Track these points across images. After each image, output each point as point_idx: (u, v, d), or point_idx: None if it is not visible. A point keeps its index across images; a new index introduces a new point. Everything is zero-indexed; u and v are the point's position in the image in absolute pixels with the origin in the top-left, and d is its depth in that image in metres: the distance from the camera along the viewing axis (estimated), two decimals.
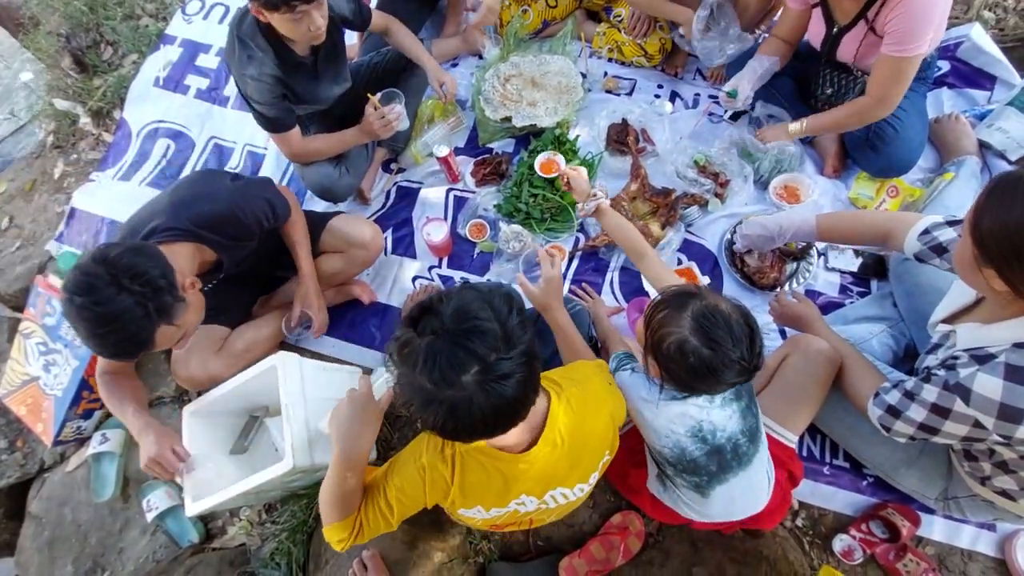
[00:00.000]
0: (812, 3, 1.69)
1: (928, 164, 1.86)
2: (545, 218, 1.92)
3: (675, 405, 1.12)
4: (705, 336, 0.99)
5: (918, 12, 1.41)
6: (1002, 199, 0.90)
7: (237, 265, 1.60)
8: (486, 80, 2.13)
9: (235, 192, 1.50)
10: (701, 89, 2.16)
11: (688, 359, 1.00)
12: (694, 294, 1.05)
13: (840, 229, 1.42)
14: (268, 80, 1.66)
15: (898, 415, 1.12)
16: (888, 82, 1.55)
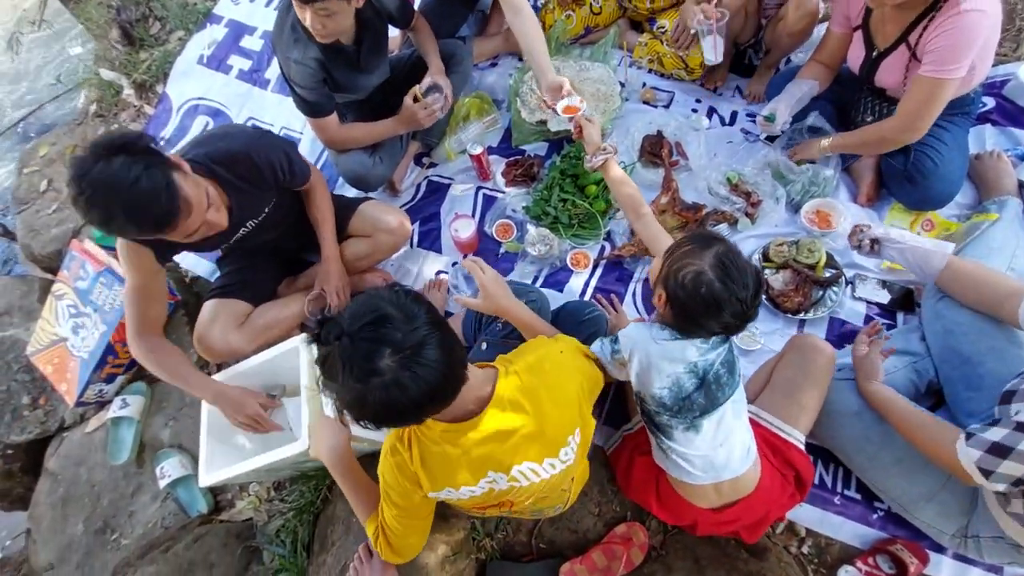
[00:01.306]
0: (854, 26, 1.68)
1: (965, 200, 1.84)
2: (573, 224, 1.94)
3: (677, 344, 1.19)
4: (722, 272, 1.09)
5: (960, 34, 1.40)
6: None
7: (256, 228, 1.62)
8: (524, 82, 2.15)
9: (253, 135, 1.55)
10: (739, 107, 2.16)
11: (700, 289, 1.09)
12: (719, 239, 1.15)
13: (965, 278, 1.41)
14: (312, 64, 1.69)
15: (1007, 453, 1.04)
16: (919, 104, 1.53)
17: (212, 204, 1.34)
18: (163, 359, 1.52)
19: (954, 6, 1.39)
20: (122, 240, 1.40)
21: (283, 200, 1.67)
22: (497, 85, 2.30)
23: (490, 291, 1.34)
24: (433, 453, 1.02)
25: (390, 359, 0.81)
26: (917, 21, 1.49)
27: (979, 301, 1.40)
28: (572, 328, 1.50)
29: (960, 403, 1.47)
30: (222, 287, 1.77)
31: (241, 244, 1.67)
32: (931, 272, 1.43)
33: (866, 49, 1.66)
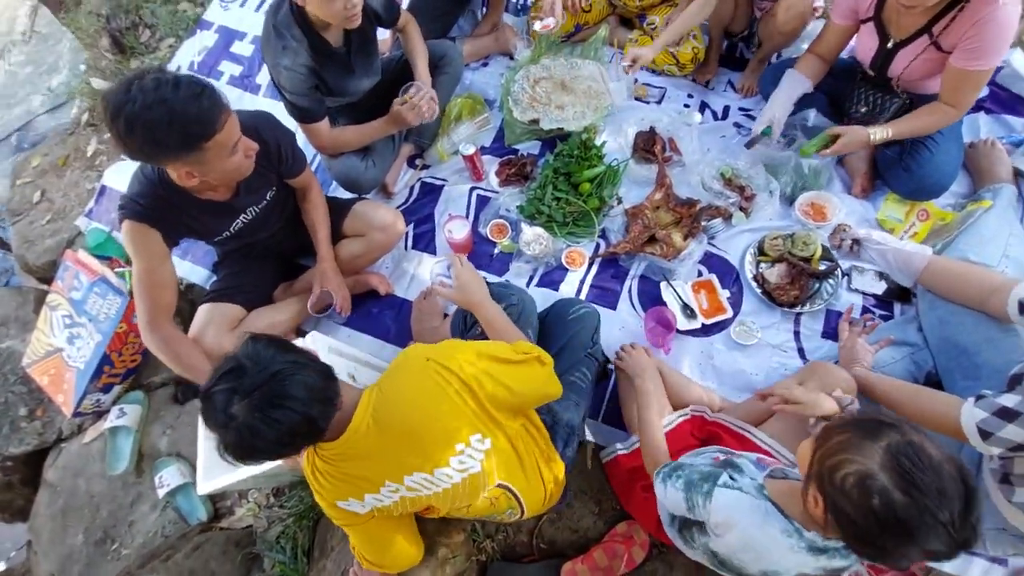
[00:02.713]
0: (862, 19, 1.65)
1: (960, 189, 1.82)
2: (567, 222, 1.92)
3: (788, 555, 0.95)
4: (902, 477, 0.78)
5: (1000, 27, 1.41)
6: None
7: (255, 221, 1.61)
8: (516, 81, 2.13)
9: (259, 114, 1.56)
10: (732, 101, 2.14)
11: (871, 500, 0.79)
12: (892, 424, 0.84)
13: (946, 277, 1.43)
14: (302, 70, 1.67)
15: (1014, 418, 1.02)
16: (965, 91, 1.55)
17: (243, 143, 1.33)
18: (179, 350, 1.51)
19: (991, 1, 1.38)
20: (128, 224, 1.40)
21: (282, 194, 1.67)
22: (489, 85, 2.28)
23: (462, 283, 1.34)
24: (329, 471, 1.04)
25: (240, 405, 0.87)
26: (942, 13, 1.47)
27: (964, 298, 1.40)
28: (561, 327, 1.50)
29: (958, 393, 1.44)
30: (217, 291, 1.75)
31: (241, 240, 1.66)
32: (912, 273, 1.44)
33: (880, 40, 1.64)
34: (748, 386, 1.65)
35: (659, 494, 1.20)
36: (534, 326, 1.49)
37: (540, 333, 1.54)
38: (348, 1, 1.55)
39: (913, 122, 1.66)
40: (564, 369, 1.43)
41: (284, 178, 1.65)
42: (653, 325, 1.70)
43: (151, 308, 1.48)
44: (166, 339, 1.50)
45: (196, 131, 1.20)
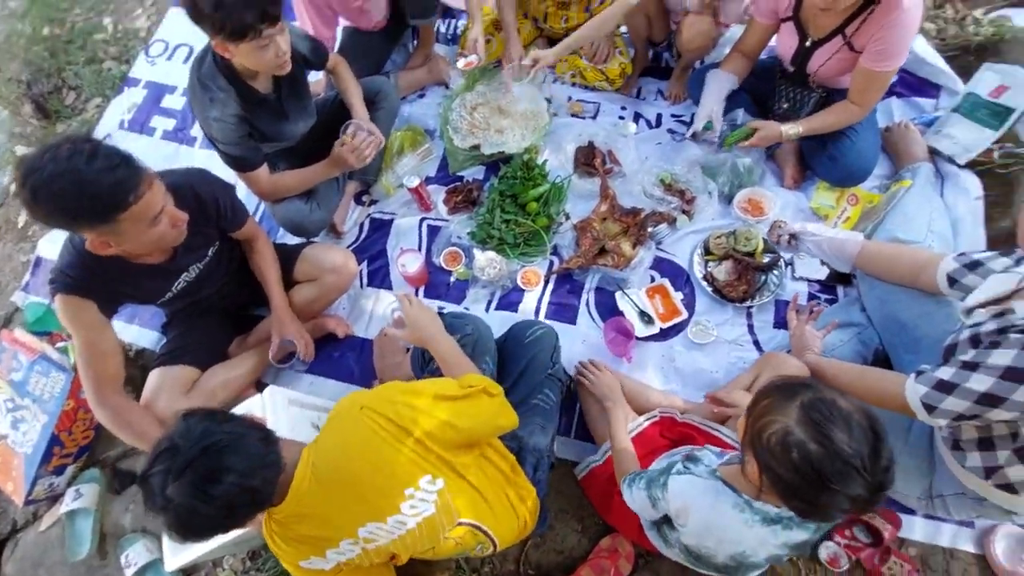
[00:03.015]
0: (782, 17, 1.73)
1: (883, 171, 1.92)
2: (518, 243, 1.93)
3: (744, 531, 0.99)
4: (815, 429, 0.83)
5: (904, 30, 1.51)
6: None
7: (200, 277, 1.57)
8: (453, 110, 2.15)
9: (194, 171, 1.53)
10: (663, 109, 2.20)
11: (791, 453, 0.84)
12: (806, 384, 0.91)
13: (878, 260, 1.49)
14: (232, 120, 1.65)
15: (951, 389, 1.06)
16: (871, 91, 1.66)
17: (169, 199, 1.28)
18: (129, 419, 1.45)
19: (897, 5, 1.46)
20: (60, 298, 1.35)
21: (225, 248, 1.63)
22: (427, 115, 2.29)
23: (411, 321, 1.33)
24: (284, 533, 1.01)
25: (175, 486, 0.85)
26: (854, 15, 1.55)
27: (898, 278, 1.46)
28: (519, 350, 1.50)
29: (904, 366, 1.51)
30: (168, 353, 1.69)
31: (186, 300, 1.61)
32: (847, 260, 1.50)
33: (799, 38, 1.72)
34: (710, 384, 1.68)
35: (627, 500, 1.23)
36: (492, 353, 1.47)
37: (500, 358, 1.53)
38: (278, 49, 1.53)
39: (822, 119, 1.75)
40: (527, 392, 1.43)
41: (226, 232, 1.61)
42: (613, 335, 1.72)
43: (97, 380, 1.43)
44: (116, 409, 1.44)
45: (107, 203, 1.16)
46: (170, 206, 1.29)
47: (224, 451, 0.88)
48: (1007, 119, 1.75)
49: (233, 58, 1.54)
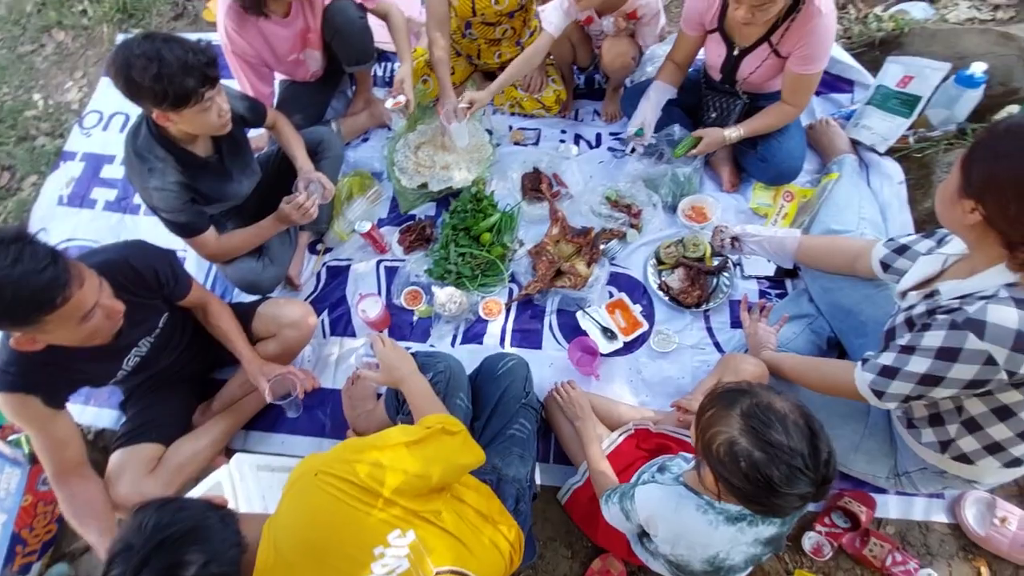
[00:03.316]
0: (709, 29, 1.80)
1: (812, 166, 2.01)
2: (476, 275, 1.94)
3: (711, 532, 1.01)
4: (756, 437, 0.87)
5: (825, 34, 1.60)
6: (994, 135, 0.97)
7: (154, 349, 1.52)
8: (398, 151, 2.16)
9: (128, 244, 1.47)
10: (601, 128, 2.26)
11: (740, 463, 0.87)
12: (744, 391, 0.94)
13: (817, 252, 1.56)
14: (174, 188, 1.62)
15: (895, 374, 1.10)
16: (802, 92, 1.76)
17: (104, 291, 1.23)
18: (75, 506, 1.39)
19: (816, 12, 1.56)
20: (2, 397, 1.29)
21: (175, 316, 1.58)
22: (373, 158, 2.30)
23: (386, 363, 1.32)
24: None
25: None
26: (778, 23, 1.63)
27: (836, 267, 1.52)
28: (492, 384, 1.49)
29: (855, 350, 1.57)
30: (128, 432, 1.62)
31: (144, 374, 1.56)
32: (788, 254, 1.56)
33: (726, 48, 1.79)
34: (679, 391, 1.70)
35: (606, 516, 1.25)
36: (465, 389, 1.46)
37: (473, 393, 1.52)
38: (219, 109, 1.53)
39: (762, 120, 1.83)
40: (503, 424, 1.42)
41: (173, 301, 1.57)
42: (579, 355, 1.74)
43: (54, 467, 1.38)
44: (70, 496, 1.39)
45: (30, 306, 1.11)
46: (105, 298, 1.23)
47: (180, 542, 0.83)
48: (916, 106, 1.86)
49: (174, 125, 1.52)
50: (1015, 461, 1.15)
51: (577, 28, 2.05)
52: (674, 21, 2.54)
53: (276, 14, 1.91)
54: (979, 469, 1.22)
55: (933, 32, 2.04)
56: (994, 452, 1.15)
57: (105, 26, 2.91)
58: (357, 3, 1.98)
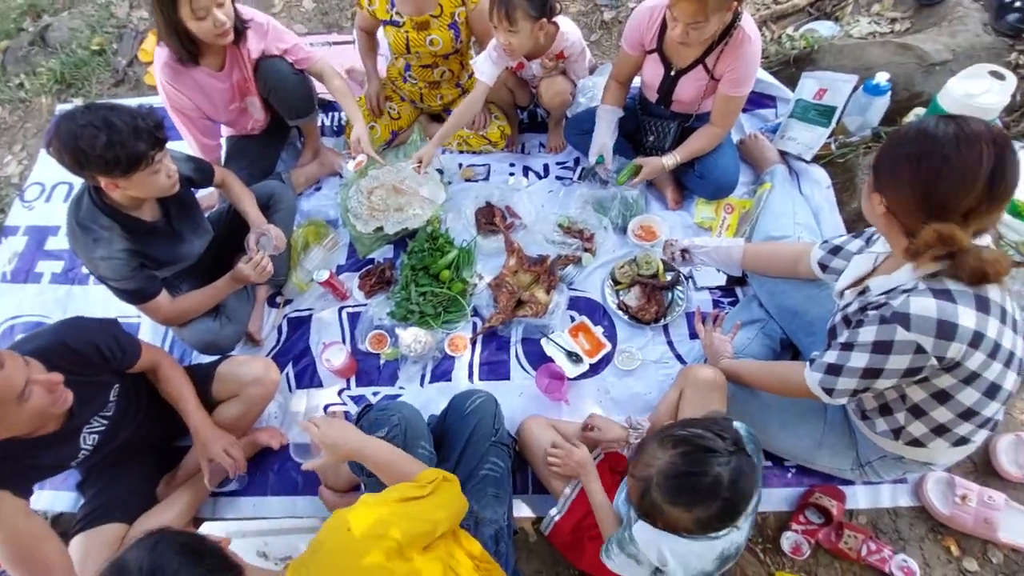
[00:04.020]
0: (648, 50, 1.86)
1: (748, 179, 2.10)
2: (439, 312, 1.93)
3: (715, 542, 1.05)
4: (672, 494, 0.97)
5: (753, 58, 1.70)
6: (891, 137, 1.07)
7: (111, 426, 1.44)
8: (351, 197, 2.15)
9: (62, 324, 1.40)
10: (547, 159, 2.32)
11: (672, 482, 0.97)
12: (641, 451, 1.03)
13: (760, 259, 1.62)
14: (121, 256, 1.57)
15: (839, 371, 1.15)
16: (730, 114, 1.85)
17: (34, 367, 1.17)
18: None
19: (747, 38, 1.66)
20: None
21: (128, 385, 1.50)
22: (327, 206, 2.29)
23: (327, 445, 1.21)
24: None
25: None
26: (712, 47, 1.72)
27: (780, 271, 1.58)
28: (461, 423, 1.46)
29: (806, 349, 1.62)
30: (88, 515, 1.52)
31: (104, 451, 1.47)
32: (735, 263, 1.62)
33: (664, 69, 1.86)
34: (647, 406, 1.71)
35: (614, 569, 1.21)
36: (426, 436, 1.41)
37: (442, 432, 1.49)
38: (168, 170, 1.50)
39: (695, 144, 1.91)
40: (474, 464, 1.39)
41: (123, 370, 1.49)
42: (547, 382, 1.73)
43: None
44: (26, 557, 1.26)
45: None
46: (37, 374, 1.17)
47: None
48: (833, 116, 1.98)
49: (121, 192, 1.49)
50: (962, 439, 1.20)
51: (511, 74, 2.12)
52: (607, 54, 2.66)
53: (211, 67, 1.91)
54: (932, 451, 1.26)
55: (840, 47, 2.19)
56: (941, 434, 1.19)
57: (44, 97, 2.85)
58: (288, 62, 2.00)
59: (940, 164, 0.98)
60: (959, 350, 1.02)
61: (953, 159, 0.97)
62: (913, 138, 1.02)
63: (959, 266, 1.01)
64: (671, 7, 1.55)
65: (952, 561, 1.48)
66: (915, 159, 1.01)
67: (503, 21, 1.75)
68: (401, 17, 2.02)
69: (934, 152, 0.98)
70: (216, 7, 1.72)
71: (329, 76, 2.06)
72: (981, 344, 1.02)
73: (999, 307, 1.04)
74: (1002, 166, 0.95)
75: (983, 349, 1.03)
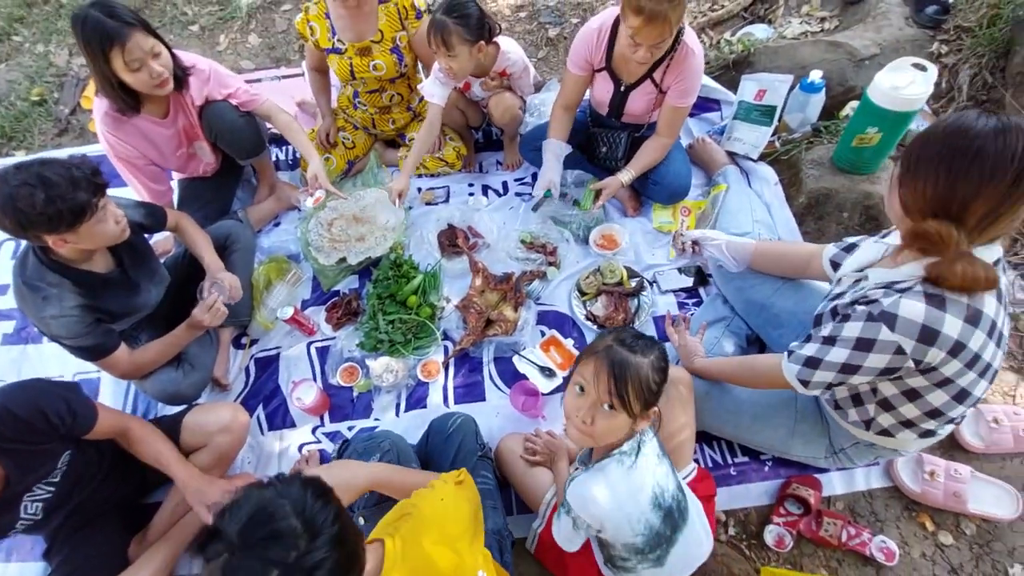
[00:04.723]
0: (596, 68, 1.88)
1: (700, 181, 2.14)
2: (409, 339, 1.89)
3: (635, 474, 1.10)
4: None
5: (697, 70, 1.75)
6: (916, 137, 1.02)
7: (63, 490, 1.36)
8: (311, 230, 2.12)
9: (9, 389, 1.31)
10: (506, 176, 2.32)
11: None
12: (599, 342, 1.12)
13: (771, 256, 1.59)
14: (74, 313, 1.50)
15: (818, 364, 1.15)
16: (676, 124, 1.89)
17: None
18: None
19: (690, 52, 1.70)
20: None
21: (85, 450, 1.42)
22: (287, 242, 2.23)
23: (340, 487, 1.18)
24: None
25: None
26: (660, 61, 1.75)
27: (789, 270, 1.56)
28: (445, 443, 1.47)
29: (774, 341, 1.64)
30: None
31: (56, 516, 1.39)
32: (746, 258, 1.60)
33: (614, 85, 1.88)
34: None
35: (558, 539, 1.24)
36: (415, 459, 1.42)
37: (426, 456, 1.49)
38: (115, 216, 1.45)
39: (646, 157, 1.94)
40: None
41: (76, 437, 1.39)
42: (523, 399, 1.71)
43: None
44: None
45: None
46: None
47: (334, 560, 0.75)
48: (774, 115, 2.03)
49: (72, 246, 1.43)
50: (928, 432, 1.23)
51: (460, 95, 2.13)
52: (554, 70, 2.69)
53: (154, 115, 1.86)
54: (900, 441, 1.29)
55: (775, 49, 2.26)
56: (908, 427, 1.22)
57: None
58: (233, 105, 1.97)
59: (971, 158, 0.92)
60: (937, 356, 1.03)
61: (987, 152, 0.91)
62: (946, 130, 0.97)
63: (933, 269, 0.99)
64: (635, 34, 1.56)
65: (928, 537, 1.51)
66: (944, 151, 0.95)
67: (441, 47, 1.76)
68: (343, 44, 2.01)
69: (965, 145, 0.93)
70: (152, 59, 1.68)
71: (277, 117, 2.04)
72: (960, 354, 1.02)
73: (990, 320, 1.02)
74: None
75: (961, 359, 1.03)
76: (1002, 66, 1.98)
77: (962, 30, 2.11)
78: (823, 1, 2.51)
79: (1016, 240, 1.82)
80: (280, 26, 3.01)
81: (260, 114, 2.04)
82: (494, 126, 2.36)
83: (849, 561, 1.50)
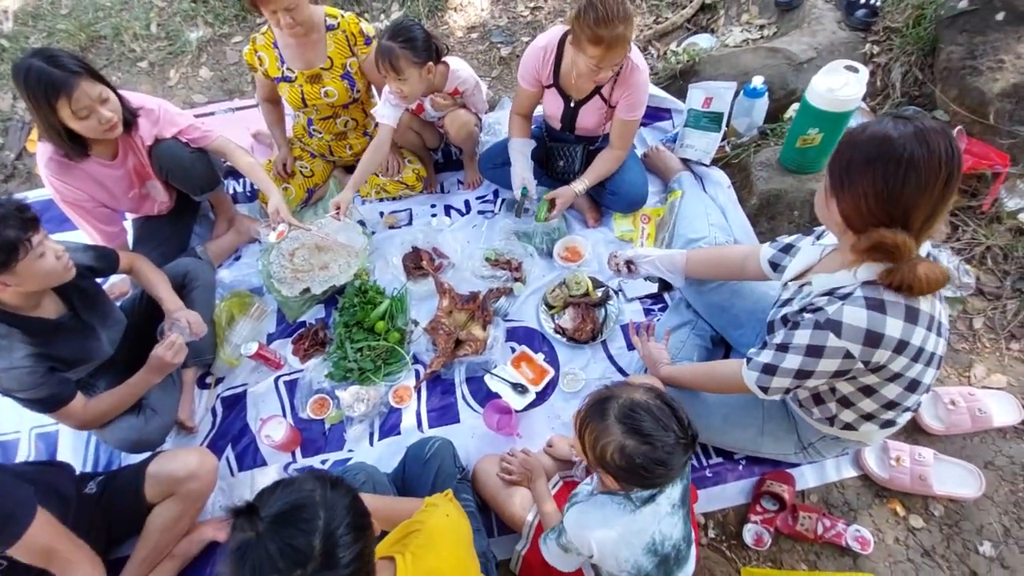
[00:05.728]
0: (545, 85, 1.89)
1: (657, 188, 2.16)
2: (379, 366, 1.85)
3: (637, 518, 1.08)
4: (637, 434, 0.99)
5: (644, 85, 1.78)
6: (850, 135, 1.02)
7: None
8: (272, 262, 2.06)
9: None
10: (467, 195, 2.31)
11: (635, 461, 0.99)
12: (607, 397, 1.05)
13: (705, 263, 1.59)
14: (25, 363, 1.42)
15: (775, 371, 1.17)
16: (627, 136, 1.91)
17: None
18: None
19: (635, 68, 1.73)
20: None
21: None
22: (249, 275, 2.17)
23: None
24: None
25: None
26: None
27: (727, 273, 1.57)
28: (424, 467, 1.44)
29: (736, 341, 1.66)
30: None
31: None
32: (680, 269, 1.61)
33: (564, 102, 1.89)
34: None
35: (548, 559, 1.23)
36: (390, 489, 1.40)
37: (404, 483, 1.46)
38: (54, 251, 1.38)
39: (600, 168, 1.95)
40: None
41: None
42: (497, 418, 1.68)
43: None
44: None
45: None
46: None
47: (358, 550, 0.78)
48: (722, 121, 2.08)
49: (15, 290, 1.37)
50: (888, 422, 1.25)
51: (414, 116, 2.11)
52: (508, 88, 2.71)
53: (103, 157, 1.80)
54: (864, 433, 1.30)
55: (718, 57, 2.32)
56: (869, 420, 1.25)
57: None
58: (183, 142, 1.92)
59: (905, 167, 0.92)
60: (884, 355, 1.06)
61: (917, 159, 0.92)
62: (868, 141, 0.97)
63: (894, 275, 1.01)
64: (599, 63, 1.57)
65: (900, 522, 1.53)
66: (875, 163, 0.95)
67: (390, 72, 1.75)
68: (292, 72, 1.98)
69: (895, 155, 0.93)
70: (100, 104, 1.62)
71: (231, 152, 1.99)
72: (905, 350, 1.05)
73: (928, 316, 1.05)
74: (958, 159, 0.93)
75: (907, 354, 1.06)
76: (930, 63, 2.06)
77: (891, 31, 2.19)
78: (761, 9, 2.59)
79: (956, 227, 1.88)
80: (231, 58, 2.96)
81: (213, 150, 1.99)
82: (452, 145, 2.35)
83: (827, 553, 1.50)
